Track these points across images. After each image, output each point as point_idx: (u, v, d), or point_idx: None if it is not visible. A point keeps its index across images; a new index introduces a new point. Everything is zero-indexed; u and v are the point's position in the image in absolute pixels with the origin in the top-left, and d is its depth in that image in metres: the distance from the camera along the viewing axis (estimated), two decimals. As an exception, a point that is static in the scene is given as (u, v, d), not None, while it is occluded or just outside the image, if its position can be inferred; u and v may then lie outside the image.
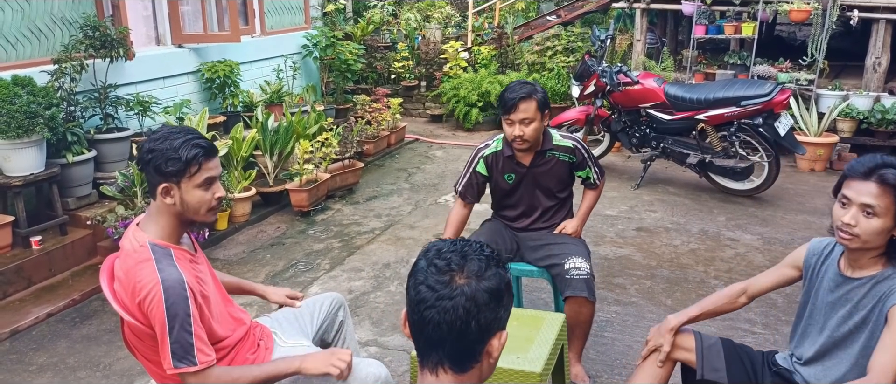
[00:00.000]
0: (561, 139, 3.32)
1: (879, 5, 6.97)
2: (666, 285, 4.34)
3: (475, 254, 1.33)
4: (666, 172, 6.70)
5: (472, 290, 1.28)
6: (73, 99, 4.88)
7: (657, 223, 5.42)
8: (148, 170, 2.07)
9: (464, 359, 1.31)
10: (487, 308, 1.28)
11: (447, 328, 1.28)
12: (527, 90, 3.11)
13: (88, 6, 5.29)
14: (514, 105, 3.09)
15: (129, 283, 2.04)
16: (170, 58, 6.08)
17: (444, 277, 1.29)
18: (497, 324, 1.32)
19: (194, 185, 2.08)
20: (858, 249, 2.13)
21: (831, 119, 6.85)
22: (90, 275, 4.52)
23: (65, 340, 3.83)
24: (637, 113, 6.29)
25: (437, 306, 1.28)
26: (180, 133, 2.09)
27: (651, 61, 8.19)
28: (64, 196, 4.76)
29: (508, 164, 3.32)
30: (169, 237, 2.13)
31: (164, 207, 2.10)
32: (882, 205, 2.04)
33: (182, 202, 2.08)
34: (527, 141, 3.16)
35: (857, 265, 2.19)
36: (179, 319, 1.99)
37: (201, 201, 2.11)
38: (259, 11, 7.34)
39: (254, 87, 6.95)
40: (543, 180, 3.35)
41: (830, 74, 7.75)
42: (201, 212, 2.13)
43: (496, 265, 1.33)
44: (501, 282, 1.32)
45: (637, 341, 3.69)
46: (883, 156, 2.15)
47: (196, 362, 2.02)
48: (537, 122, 3.14)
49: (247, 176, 5.48)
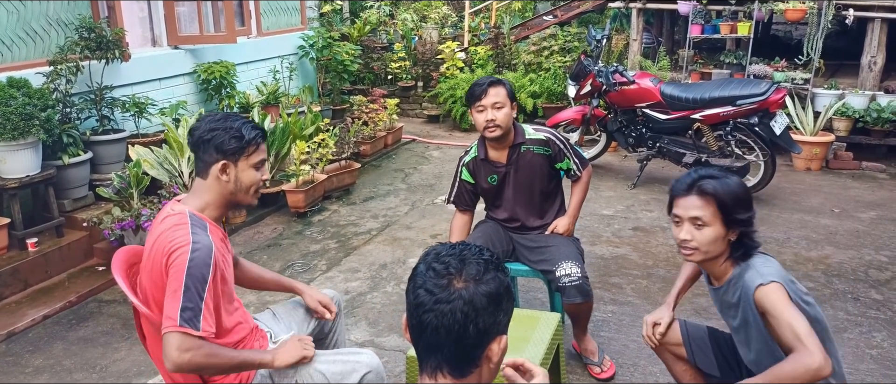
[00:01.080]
0: (533, 132, 3.33)
1: (875, 4, 6.98)
2: (662, 284, 4.35)
3: (474, 257, 1.32)
4: (662, 172, 6.71)
5: (469, 294, 1.27)
6: (68, 100, 4.87)
7: (653, 222, 5.43)
8: (206, 148, 2.19)
9: (462, 363, 1.30)
10: (486, 312, 1.28)
11: (445, 332, 1.27)
12: (494, 79, 3.22)
13: (84, 8, 5.29)
14: (484, 90, 3.16)
15: (163, 243, 2.10)
16: (166, 59, 6.08)
17: (443, 281, 1.29)
18: (496, 328, 1.31)
19: (250, 165, 2.23)
20: (705, 261, 2.30)
21: (827, 118, 6.86)
22: (87, 277, 4.52)
23: (61, 342, 3.83)
24: (633, 112, 6.30)
25: (435, 310, 1.27)
26: (236, 117, 2.25)
27: (647, 61, 8.20)
28: (60, 198, 4.76)
29: (486, 166, 3.36)
30: (209, 214, 2.24)
31: (216, 186, 2.22)
32: (708, 215, 2.20)
33: (236, 180, 2.22)
34: (499, 126, 3.18)
35: (715, 275, 2.36)
36: (197, 282, 2.05)
37: (253, 181, 2.25)
38: (255, 12, 7.34)
39: (250, 89, 6.95)
40: (525, 177, 3.35)
41: (826, 73, 7.76)
42: (250, 192, 2.27)
43: (495, 269, 1.32)
44: (500, 286, 1.31)
45: (633, 340, 3.69)
46: (698, 170, 2.31)
47: (199, 328, 2.04)
48: (507, 107, 3.19)
49: (243, 177, 5.47)
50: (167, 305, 2.04)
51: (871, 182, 6.48)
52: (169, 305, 2.04)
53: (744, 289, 2.22)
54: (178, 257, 2.06)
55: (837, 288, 4.28)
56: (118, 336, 3.89)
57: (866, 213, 5.59)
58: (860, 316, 3.94)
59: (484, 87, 3.17)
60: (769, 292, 2.14)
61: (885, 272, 4.51)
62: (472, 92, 3.21)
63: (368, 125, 7.43)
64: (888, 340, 3.68)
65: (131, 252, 2.49)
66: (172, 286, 2.04)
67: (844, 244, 4.95)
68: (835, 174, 6.70)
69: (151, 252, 2.15)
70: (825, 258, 4.70)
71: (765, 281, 2.16)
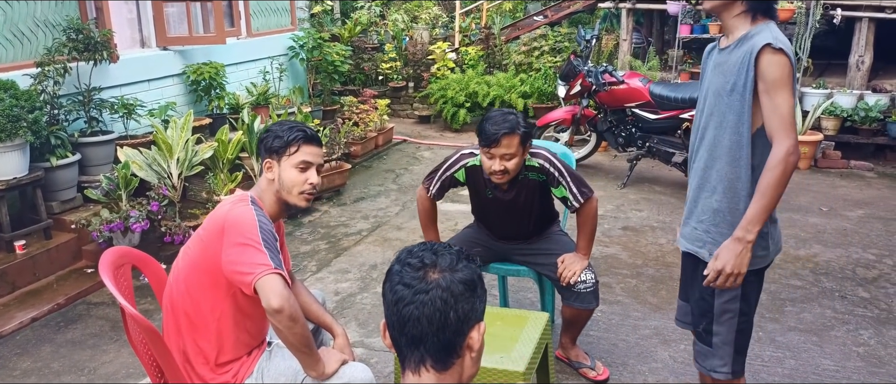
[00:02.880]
0: (530, 158, 3.07)
1: (862, 4, 7.04)
2: (651, 284, 4.37)
3: (444, 250, 1.38)
4: (652, 171, 6.73)
5: (447, 282, 1.31)
6: (56, 102, 4.85)
7: (643, 222, 5.45)
8: (260, 148, 2.38)
9: (445, 353, 1.33)
10: (463, 298, 1.31)
11: (427, 321, 1.30)
12: (510, 124, 2.83)
13: (72, 9, 5.26)
14: (496, 140, 2.83)
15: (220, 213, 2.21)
16: (154, 60, 6.06)
17: (419, 273, 1.33)
18: (474, 314, 1.34)
19: (291, 165, 2.30)
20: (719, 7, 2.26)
21: (815, 117, 6.91)
22: (75, 279, 4.50)
23: (49, 345, 3.81)
24: (623, 112, 6.32)
25: (415, 301, 1.30)
26: (296, 123, 2.38)
27: (637, 61, 8.23)
28: (48, 200, 4.73)
29: (488, 182, 3.12)
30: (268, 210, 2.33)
31: (267, 184, 2.34)
32: None
33: (279, 179, 2.31)
34: (508, 175, 2.95)
35: (727, 29, 2.29)
36: (271, 244, 2.13)
37: (294, 181, 2.30)
38: (245, 13, 7.32)
39: (240, 89, 6.93)
40: (524, 200, 3.18)
41: (814, 73, 7.82)
42: (293, 192, 2.31)
43: (466, 259, 1.38)
44: (473, 274, 1.36)
45: (622, 339, 3.71)
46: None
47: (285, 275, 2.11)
48: (519, 157, 2.91)
49: (233, 178, 5.45)
50: (249, 255, 2.08)
51: (858, 181, 6.52)
52: (252, 255, 2.08)
53: (750, 46, 2.14)
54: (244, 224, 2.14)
55: (825, 286, 4.30)
56: (107, 338, 3.87)
57: (854, 212, 5.63)
58: (847, 314, 3.97)
59: (498, 137, 2.82)
60: (779, 60, 2.08)
61: (872, 270, 4.54)
62: (485, 133, 2.86)
63: (359, 126, 7.42)
64: (875, 338, 3.70)
65: (120, 253, 2.48)
66: (248, 240, 2.10)
67: (832, 242, 4.98)
68: (823, 173, 6.74)
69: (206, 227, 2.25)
70: (813, 256, 4.73)
71: (778, 45, 2.08)
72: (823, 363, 3.49)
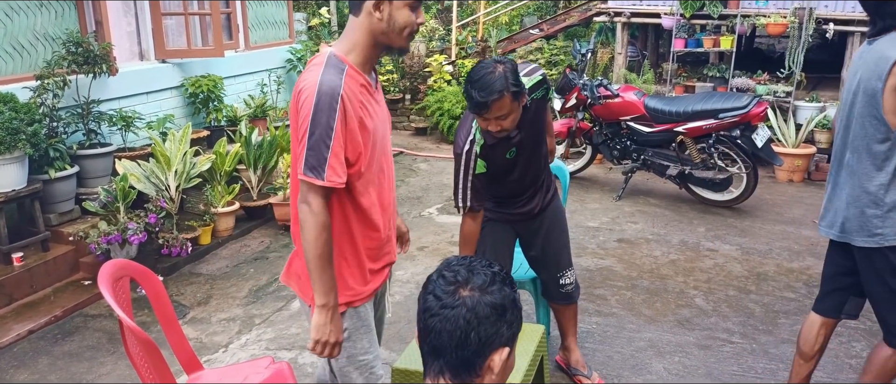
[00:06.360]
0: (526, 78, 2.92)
1: (854, 18, 7.11)
2: (646, 296, 4.40)
3: (482, 268, 1.38)
4: (647, 184, 6.77)
5: (473, 302, 1.32)
6: (55, 115, 4.88)
7: (638, 234, 5.48)
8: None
9: (463, 370, 1.34)
10: (488, 321, 1.32)
11: (447, 337, 1.32)
12: (497, 88, 2.62)
13: (71, 22, 5.30)
14: (487, 107, 2.66)
15: (297, 86, 2.06)
16: (153, 73, 6.10)
17: (450, 288, 1.35)
18: (498, 339, 1.34)
19: (405, 4, 2.09)
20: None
21: (809, 130, 6.96)
22: (72, 292, 4.51)
23: (46, 357, 3.82)
24: (618, 125, 6.37)
25: (440, 315, 1.33)
26: None
27: (632, 74, 8.28)
28: (46, 212, 4.75)
29: (500, 144, 2.91)
30: (354, 59, 2.11)
31: (367, 23, 2.09)
32: None
33: (390, 18, 2.08)
34: (507, 130, 2.79)
35: None
36: (322, 128, 1.97)
37: (407, 21, 2.10)
38: (243, 26, 7.38)
39: (238, 102, 6.97)
40: (534, 134, 3.02)
41: (808, 86, 7.88)
42: (404, 33, 2.12)
43: (502, 282, 1.37)
44: (505, 299, 1.35)
45: (618, 351, 3.73)
46: None
47: (324, 177, 1.98)
48: (514, 113, 2.73)
49: (230, 190, 5.49)
50: (294, 150, 2.03)
51: (852, 193, 6.56)
52: (297, 151, 2.02)
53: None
54: (305, 100, 2.00)
55: (818, 298, 4.33)
56: (104, 350, 3.88)
57: (847, 224, 5.67)
58: (840, 326, 3.97)
59: (487, 105, 2.64)
60: None
61: (865, 282, 4.57)
62: (473, 100, 2.67)
63: (356, 138, 7.45)
64: (867, 350, 3.73)
65: (118, 266, 2.51)
66: (300, 131, 2.01)
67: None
68: (817, 186, 6.79)
69: (293, 95, 2.12)
70: (807, 269, 4.77)
71: None
72: (817, 375, 3.51)
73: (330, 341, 2.08)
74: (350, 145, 2.05)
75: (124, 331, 2.33)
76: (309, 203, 2.01)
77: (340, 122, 1.99)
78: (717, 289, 4.47)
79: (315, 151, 1.98)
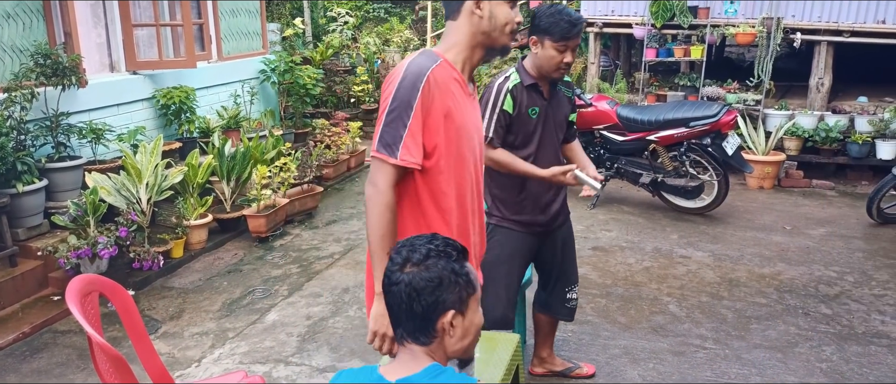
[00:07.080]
0: None
1: (821, 28, 7.27)
2: (621, 303, 4.43)
3: (422, 245, 1.59)
4: (620, 192, 6.83)
5: (410, 277, 1.55)
6: (23, 128, 4.80)
7: (612, 242, 5.52)
8: None
9: (421, 335, 1.59)
10: (426, 292, 1.55)
11: (397, 309, 1.59)
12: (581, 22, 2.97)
13: (40, 34, 5.23)
14: (578, 31, 2.93)
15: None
16: (124, 84, 6.03)
17: (394, 268, 1.59)
18: (441, 305, 1.56)
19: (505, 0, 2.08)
20: None
21: (778, 138, 7.08)
22: (41, 308, 4.43)
23: (14, 375, 3.74)
24: (591, 134, 6.43)
25: (390, 291, 1.59)
26: None
27: (605, 84, 8.37)
28: (13, 226, 4.66)
29: (530, 95, 3.03)
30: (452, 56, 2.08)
31: (467, 24, 2.07)
32: None
33: (491, 16, 2.06)
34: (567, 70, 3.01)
35: None
36: (402, 107, 1.94)
37: (508, 17, 2.09)
38: (215, 37, 7.33)
39: (210, 113, 6.91)
40: (556, 119, 3.14)
41: (777, 94, 8.03)
42: (506, 31, 2.10)
43: (437, 256, 1.57)
44: (442, 271, 1.56)
45: (593, 359, 3.75)
46: None
47: (397, 155, 1.93)
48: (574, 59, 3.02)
49: (203, 202, 5.43)
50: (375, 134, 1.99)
51: (820, 199, 6.69)
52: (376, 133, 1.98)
53: None
54: (392, 79, 1.98)
55: (789, 303, 4.40)
56: (74, 367, 3.81)
57: (816, 230, 5.77)
58: (810, 330, 4.06)
59: (579, 28, 2.94)
60: None
61: (834, 287, 4.65)
62: (567, 23, 2.90)
63: (331, 148, 7.44)
64: (837, 354, 3.79)
65: (86, 281, 2.47)
66: (381, 109, 1.98)
67: (795, 260, 5.10)
68: (786, 192, 6.90)
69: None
70: (777, 274, 4.84)
71: None
72: (788, 379, 3.57)
73: (389, 335, 1.97)
74: (429, 133, 1.99)
75: (93, 347, 2.29)
76: (375, 183, 1.97)
77: (422, 103, 1.95)
78: (690, 296, 4.51)
79: (392, 128, 1.94)
